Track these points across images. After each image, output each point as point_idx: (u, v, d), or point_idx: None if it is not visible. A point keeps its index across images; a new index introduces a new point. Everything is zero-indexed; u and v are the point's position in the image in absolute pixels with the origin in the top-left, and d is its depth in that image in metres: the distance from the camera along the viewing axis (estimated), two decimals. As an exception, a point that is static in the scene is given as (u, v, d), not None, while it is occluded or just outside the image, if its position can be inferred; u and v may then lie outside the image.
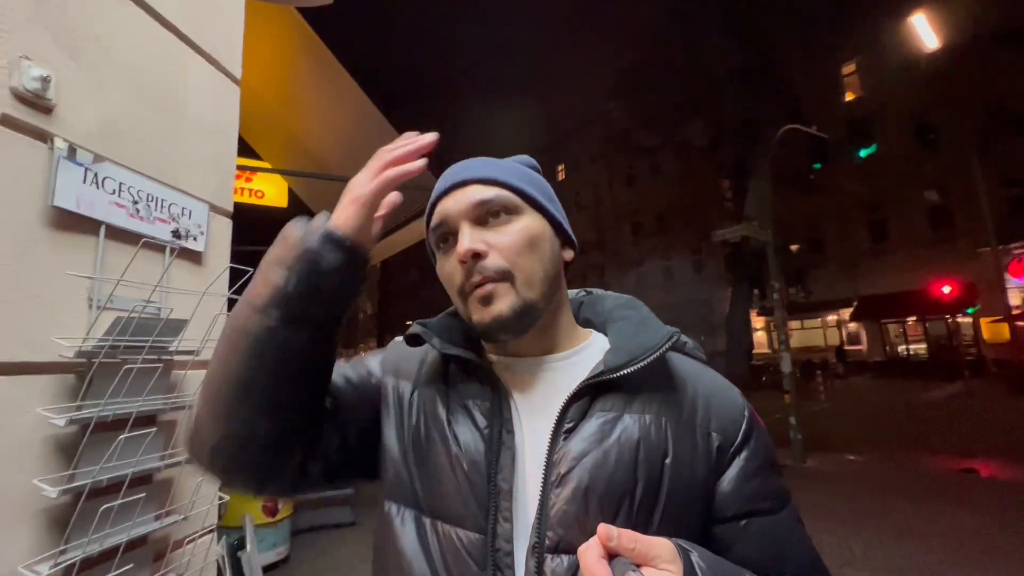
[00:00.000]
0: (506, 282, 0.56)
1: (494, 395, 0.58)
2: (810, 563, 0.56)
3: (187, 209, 1.27)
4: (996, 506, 4.34)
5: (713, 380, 0.62)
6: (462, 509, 0.53)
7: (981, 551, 3.45)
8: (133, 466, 0.97)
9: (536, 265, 0.57)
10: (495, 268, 0.55)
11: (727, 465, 0.56)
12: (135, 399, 0.99)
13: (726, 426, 0.57)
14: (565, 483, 0.51)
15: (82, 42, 1.03)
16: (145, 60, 1.18)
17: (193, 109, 1.32)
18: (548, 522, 0.50)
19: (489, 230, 0.58)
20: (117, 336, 0.95)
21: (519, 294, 0.56)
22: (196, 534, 1.17)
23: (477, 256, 0.56)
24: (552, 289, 0.59)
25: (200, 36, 1.35)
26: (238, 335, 0.51)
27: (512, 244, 0.57)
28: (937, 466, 5.94)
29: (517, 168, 0.63)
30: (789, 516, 0.57)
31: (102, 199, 1.04)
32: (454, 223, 0.58)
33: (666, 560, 0.43)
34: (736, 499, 0.55)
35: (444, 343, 0.60)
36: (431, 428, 0.59)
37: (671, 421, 0.55)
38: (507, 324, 0.56)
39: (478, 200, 0.58)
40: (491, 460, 0.54)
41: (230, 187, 1.45)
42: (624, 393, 0.56)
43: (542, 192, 0.62)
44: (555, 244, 0.61)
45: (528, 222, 0.59)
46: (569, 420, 0.54)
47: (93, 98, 1.05)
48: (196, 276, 1.29)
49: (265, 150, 4.00)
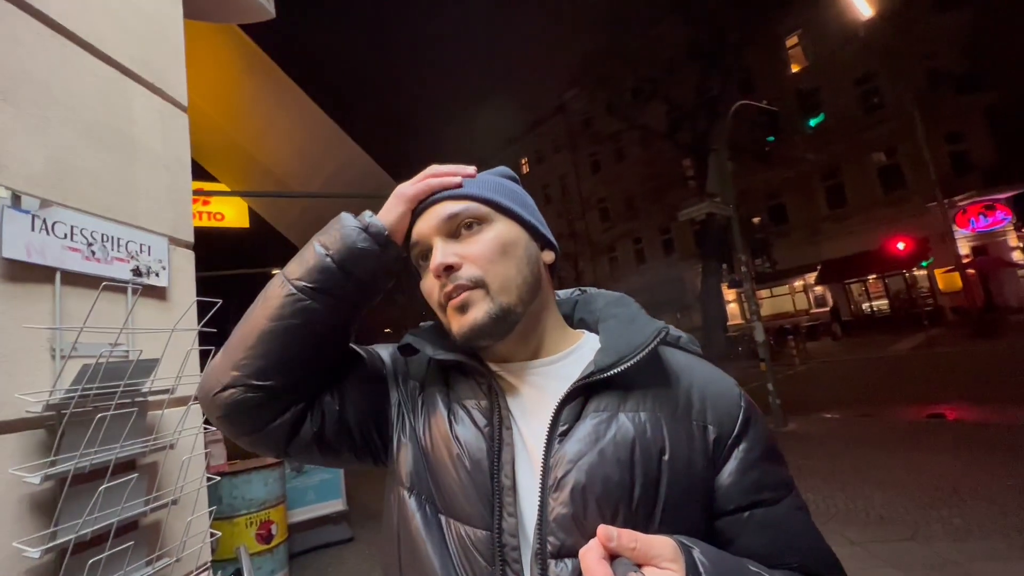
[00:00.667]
0: (480, 289, 0.57)
1: (490, 394, 0.59)
2: (816, 552, 0.55)
3: (145, 245, 1.23)
4: (964, 447, 4.60)
5: (707, 373, 0.61)
6: (468, 507, 0.54)
7: (951, 492, 3.66)
8: (118, 515, 0.95)
9: (511, 271, 0.58)
10: (468, 277, 0.57)
11: (726, 458, 0.56)
12: (112, 446, 0.97)
13: (722, 418, 0.57)
14: (562, 487, 0.51)
15: (16, 83, 0.99)
16: (87, 97, 1.14)
17: (142, 141, 1.28)
18: (548, 527, 0.50)
19: (461, 242, 0.59)
20: (86, 384, 0.92)
21: (494, 300, 0.57)
22: (191, 574, 1.16)
23: (450, 269, 0.58)
24: (531, 293, 0.60)
25: (142, 66, 1.31)
26: (268, 298, 0.58)
27: (483, 252, 0.58)
28: (908, 416, 6.24)
29: (488, 180, 0.65)
30: (792, 505, 0.56)
31: (54, 245, 1.01)
32: (428, 240, 0.61)
33: (667, 559, 0.43)
34: (737, 491, 0.54)
35: (436, 349, 0.62)
36: (434, 429, 0.60)
37: (666, 417, 0.55)
38: (484, 330, 0.57)
39: (447, 215, 0.60)
40: (492, 458, 0.55)
41: (188, 217, 1.42)
42: (617, 392, 0.56)
43: (513, 199, 0.63)
44: (531, 248, 0.62)
45: (499, 230, 0.60)
46: (563, 423, 0.54)
47: (34, 141, 1.01)
48: (162, 313, 1.26)
49: (221, 172, 3.88)
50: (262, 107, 3.13)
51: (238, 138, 3.44)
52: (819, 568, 0.54)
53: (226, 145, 3.44)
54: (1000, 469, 3.93)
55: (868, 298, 18.57)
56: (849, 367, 11.26)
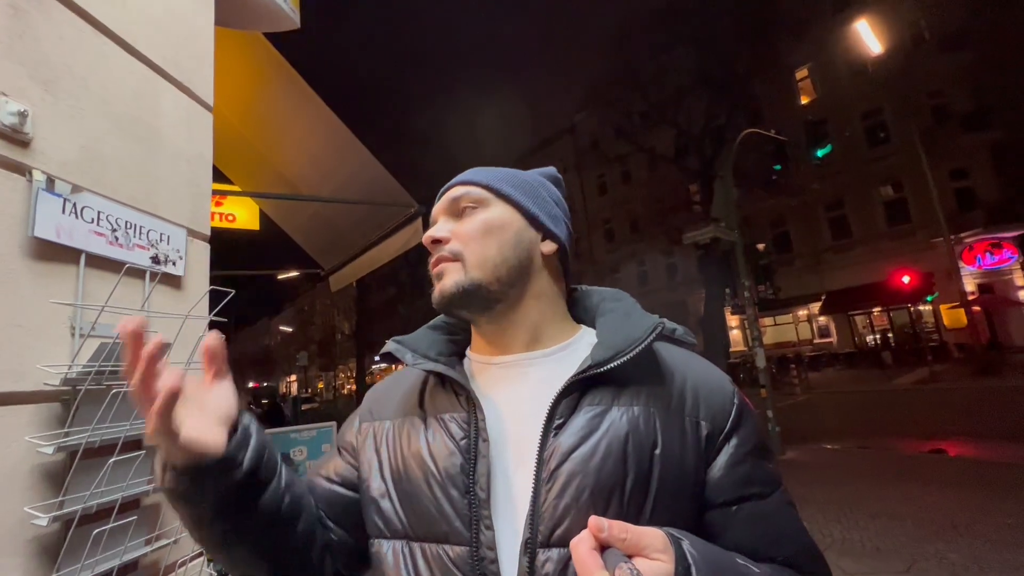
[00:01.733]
0: (457, 262, 0.62)
1: (468, 405, 0.59)
2: (802, 546, 0.56)
3: (165, 235, 1.28)
4: (963, 483, 4.55)
5: (702, 369, 0.62)
6: (445, 526, 0.54)
7: (950, 527, 3.62)
8: (123, 491, 0.98)
9: (490, 250, 0.62)
10: (450, 250, 0.62)
11: (717, 452, 0.56)
12: (122, 424, 1.00)
13: (715, 414, 0.58)
14: (555, 478, 0.52)
15: (57, 75, 1.05)
16: (119, 91, 1.21)
17: (168, 137, 1.34)
18: (540, 517, 0.51)
19: (460, 221, 0.65)
20: (103, 362, 0.96)
21: (467, 273, 0.61)
22: (187, 557, 1.17)
23: (438, 242, 0.63)
24: (512, 274, 0.62)
25: (172, 66, 1.37)
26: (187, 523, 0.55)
27: (468, 230, 0.63)
28: (908, 449, 6.19)
29: (502, 172, 0.69)
30: (780, 500, 0.57)
31: (81, 228, 1.06)
32: (436, 219, 0.67)
33: (657, 549, 0.43)
34: (726, 485, 0.55)
35: (417, 357, 0.64)
36: (407, 453, 0.60)
37: (659, 412, 0.56)
38: (452, 299, 0.61)
39: (454, 197, 0.66)
40: (468, 471, 0.55)
41: (206, 212, 1.47)
42: (612, 386, 0.57)
43: (520, 188, 0.67)
44: (525, 234, 0.65)
45: (491, 213, 0.64)
46: (559, 416, 0.55)
47: (69, 130, 1.06)
48: (176, 300, 1.31)
49: (235, 174, 3.97)
50: (280, 113, 3.21)
51: (255, 142, 3.53)
52: (805, 562, 0.55)
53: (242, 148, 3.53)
54: (999, 507, 3.88)
55: (872, 330, 18.49)
56: (851, 399, 11.16)
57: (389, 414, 0.68)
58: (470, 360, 0.69)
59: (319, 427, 4.83)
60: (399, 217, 3.60)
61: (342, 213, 3.76)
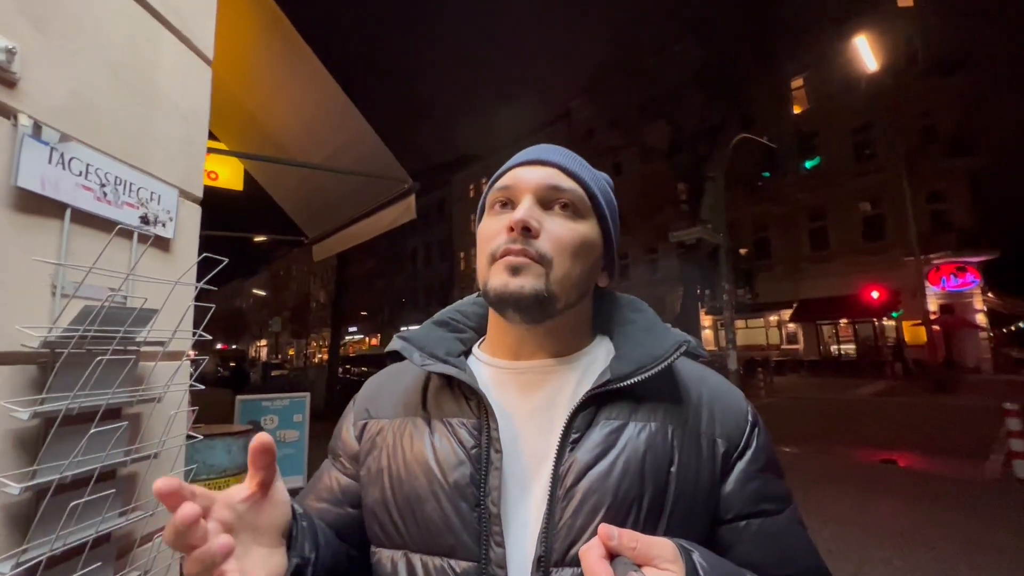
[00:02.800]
0: (542, 266, 0.55)
1: (479, 411, 0.56)
2: (812, 565, 0.56)
3: (156, 194, 1.21)
4: (910, 494, 4.79)
5: (717, 385, 0.62)
6: (451, 539, 0.51)
7: (896, 534, 3.81)
8: (101, 461, 0.93)
9: (576, 270, 0.58)
10: (538, 249, 0.55)
11: (730, 469, 0.56)
12: (104, 392, 0.95)
13: (730, 432, 0.57)
14: (572, 495, 0.51)
15: (49, 12, 0.97)
16: (115, 36, 1.12)
17: (164, 89, 1.26)
18: (555, 534, 0.50)
19: (549, 215, 0.58)
20: (87, 326, 0.91)
21: (547, 284, 0.55)
22: (163, 528, 1.14)
23: (528, 231, 0.56)
24: (576, 298, 0.60)
25: (173, 14, 1.28)
26: None
27: (564, 238, 0.57)
28: (862, 457, 6.46)
29: (599, 178, 0.65)
30: (790, 518, 0.56)
31: (68, 181, 0.99)
32: (520, 192, 0.59)
33: (668, 560, 0.42)
34: (737, 501, 0.55)
35: (425, 357, 0.60)
36: (410, 457, 0.57)
37: (677, 429, 0.55)
38: (520, 302, 0.55)
39: (554, 184, 0.59)
40: (479, 483, 0.52)
41: (200, 172, 1.39)
42: (629, 401, 0.55)
43: (611, 210, 0.64)
44: (599, 262, 0.63)
45: (588, 230, 0.60)
46: (575, 431, 0.53)
47: (60, 73, 0.98)
48: (164, 264, 1.24)
49: (222, 131, 3.80)
50: (275, 71, 3.07)
51: (244, 99, 3.38)
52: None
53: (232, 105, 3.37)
54: (942, 518, 4.10)
55: (837, 340, 19.14)
56: (812, 405, 11.58)
57: (387, 413, 0.64)
58: (480, 361, 0.66)
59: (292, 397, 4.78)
60: (392, 191, 3.51)
61: (332, 182, 3.65)
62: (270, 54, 2.90)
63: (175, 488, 0.37)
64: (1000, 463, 5.65)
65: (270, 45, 2.84)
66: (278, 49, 2.85)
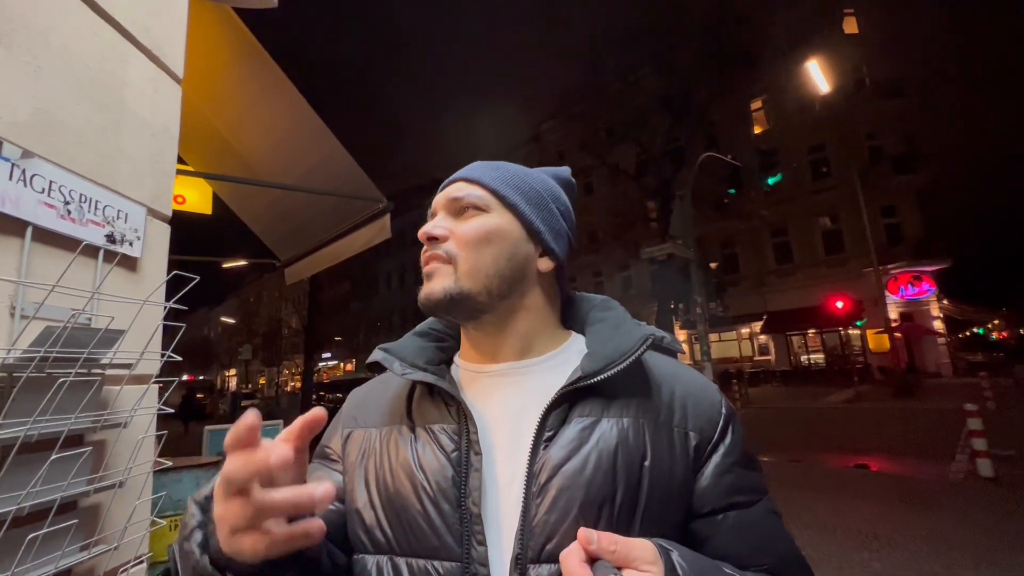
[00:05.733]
0: (449, 266, 0.59)
1: (459, 416, 0.57)
2: (788, 554, 0.57)
3: (123, 212, 1.18)
4: (884, 497, 4.90)
5: (690, 379, 0.62)
6: (434, 541, 0.52)
7: (873, 537, 3.88)
8: (63, 491, 0.88)
9: (485, 259, 0.59)
10: (444, 251, 0.60)
11: (704, 462, 0.57)
12: (65, 417, 0.90)
13: (703, 425, 0.58)
14: (546, 492, 0.51)
15: (14, 26, 0.95)
16: (83, 52, 1.10)
17: (132, 107, 1.24)
18: (531, 532, 0.50)
19: (459, 221, 0.62)
20: (48, 348, 0.87)
21: (458, 280, 0.58)
22: (129, 564, 1.07)
23: (434, 240, 0.61)
24: (504, 288, 0.60)
25: (142, 31, 1.27)
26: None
27: (465, 235, 0.60)
28: (836, 464, 6.60)
29: (511, 172, 0.65)
30: (765, 509, 0.57)
31: (29, 198, 0.95)
32: (435, 212, 0.65)
33: (647, 561, 0.43)
34: (713, 494, 0.55)
35: (405, 367, 0.61)
36: (395, 464, 0.58)
37: (649, 423, 0.55)
38: (438, 304, 0.59)
39: (454, 195, 0.63)
40: (460, 484, 0.54)
41: (169, 190, 1.37)
42: (601, 397, 0.56)
43: (527, 197, 0.64)
44: (522, 247, 0.62)
45: (491, 220, 0.61)
46: (549, 428, 0.54)
47: (23, 88, 0.96)
48: (131, 284, 1.20)
49: (191, 154, 3.73)
50: (246, 94, 3.06)
51: (214, 121, 3.34)
52: (790, 571, 0.56)
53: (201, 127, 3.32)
54: (914, 519, 4.21)
55: (807, 350, 19.70)
56: (785, 414, 11.81)
57: (374, 422, 0.65)
58: (459, 368, 0.67)
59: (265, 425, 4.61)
60: (366, 212, 3.49)
61: (305, 203, 3.62)
62: (240, 75, 2.89)
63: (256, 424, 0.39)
64: (965, 463, 5.86)
65: (240, 66, 2.83)
66: (248, 70, 2.84)
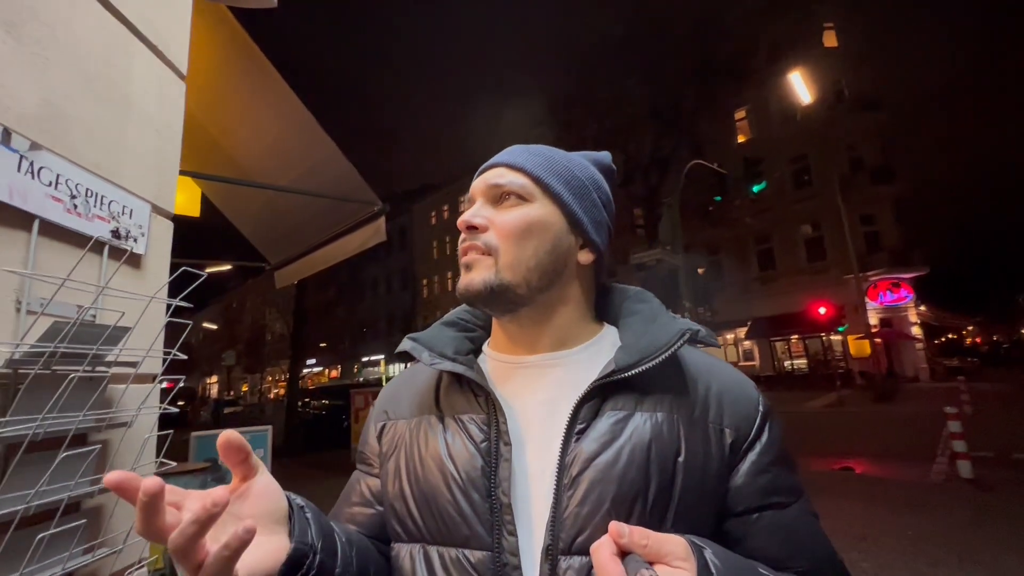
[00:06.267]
0: (490, 257, 0.58)
1: (488, 406, 0.57)
2: (824, 556, 0.55)
3: (128, 208, 1.16)
4: (869, 498, 4.98)
5: (727, 375, 0.61)
6: (465, 530, 0.52)
7: (860, 538, 3.94)
8: (69, 491, 0.86)
9: (526, 252, 0.58)
10: (484, 242, 0.59)
11: (740, 460, 0.55)
12: (73, 415, 0.88)
13: (739, 422, 0.56)
14: (577, 484, 0.51)
15: (22, 18, 0.93)
16: (89, 46, 1.09)
17: (138, 102, 1.22)
18: (561, 524, 0.50)
19: (498, 210, 0.61)
20: (56, 344, 0.85)
21: (497, 273, 0.57)
22: (132, 568, 1.04)
23: (474, 229, 0.59)
24: (544, 281, 0.59)
25: (148, 27, 1.26)
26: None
27: (506, 225, 0.59)
28: (821, 467, 6.69)
29: (553, 158, 0.63)
30: (802, 510, 0.56)
31: (37, 191, 0.93)
32: (474, 198, 0.63)
33: (679, 557, 0.42)
34: (748, 493, 0.54)
35: (434, 356, 0.61)
36: (426, 454, 0.58)
37: (683, 419, 0.54)
38: (477, 295, 0.58)
39: (495, 181, 0.61)
40: (490, 474, 0.53)
41: (173, 187, 1.35)
42: (635, 391, 0.55)
43: (570, 186, 0.62)
44: (564, 239, 0.61)
45: (533, 210, 0.59)
46: (581, 421, 0.54)
47: (32, 80, 0.94)
48: (134, 281, 1.18)
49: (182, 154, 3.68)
50: (241, 95, 3.03)
51: (206, 122, 3.29)
52: (826, 573, 0.55)
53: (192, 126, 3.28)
54: (901, 520, 4.29)
55: (790, 356, 20.01)
56: (770, 419, 11.95)
57: (404, 413, 0.65)
58: (488, 357, 0.67)
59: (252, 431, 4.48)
60: (361, 214, 3.48)
61: (298, 206, 3.58)
62: (234, 75, 2.86)
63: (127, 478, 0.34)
64: (945, 465, 5.99)
65: (234, 66, 2.80)
66: (243, 70, 2.81)
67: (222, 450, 0.41)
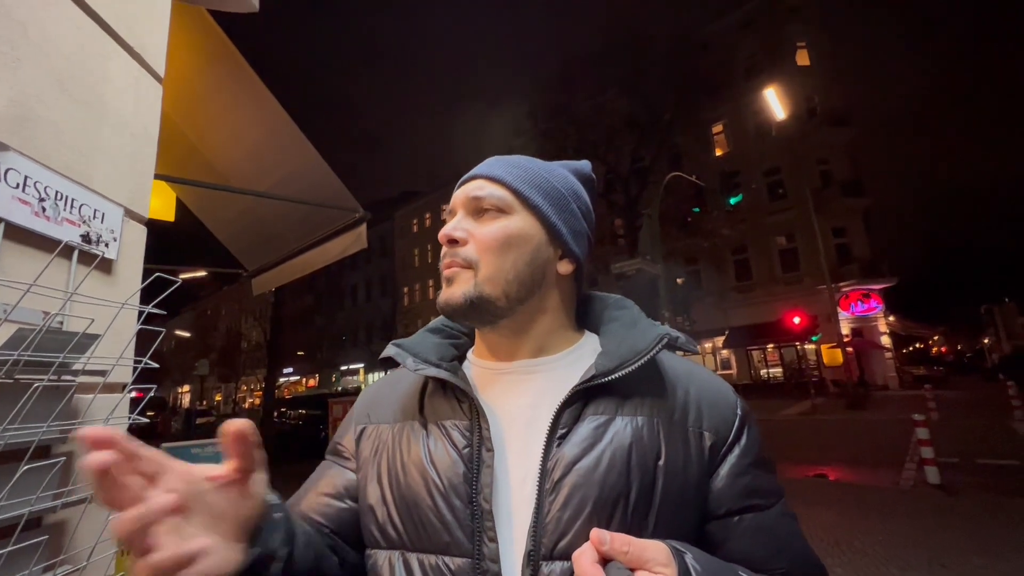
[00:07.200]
0: (470, 271, 0.59)
1: (471, 413, 0.57)
2: (803, 557, 0.56)
3: (100, 211, 1.13)
4: (842, 504, 5.09)
5: (705, 379, 0.62)
6: (445, 536, 0.52)
7: (834, 543, 4.02)
8: (31, 505, 0.82)
9: (505, 264, 0.58)
10: (464, 256, 0.59)
11: (719, 463, 0.56)
12: (37, 425, 0.85)
13: (718, 425, 0.57)
14: (559, 489, 0.51)
15: (-8, 16, 0.91)
16: (63, 45, 1.06)
17: (112, 105, 1.19)
18: (543, 529, 0.50)
19: (479, 222, 0.61)
20: (20, 352, 0.81)
21: (477, 286, 0.58)
22: (96, 587, 1.00)
23: (454, 242, 0.60)
24: (523, 292, 0.60)
25: (125, 28, 1.23)
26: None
27: (485, 238, 0.59)
28: (796, 473, 6.81)
29: (531, 170, 0.63)
30: (781, 511, 0.56)
31: (3, 192, 0.90)
32: (455, 210, 0.64)
33: (661, 563, 0.42)
34: (728, 496, 0.55)
35: (418, 362, 0.61)
36: (408, 460, 0.58)
37: (663, 422, 0.55)
38: (457, 309, 0.58)
39: (475, 194, 0.62)
40: (471, 480, 0.53)
41: (147, 192, 1.32)
42: (616, 396, 0.56)
43: (549, 197, 0.62)
44: (543, 250, 0.61)
45: (512, 223, 0.60)
46: (562, 426, 0.54)
47: (2, 78, 0.92)
48: (105, 287, 1.14)
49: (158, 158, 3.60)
50: (220, 99, 2.98)
51: (183, 126, 3.23)
52: (805, 574, 0.55)
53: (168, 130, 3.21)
54: (873, 526, 4.38)
55: (766, 364, 20.40)
56: (747, 426, 12.13)
57: (387, 418, 0.65)
58: (472, 365, 0.67)
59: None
60: (342, 221, 3.44)
61: (277, 212, 3.53)
62: (213, 79, 2.82)
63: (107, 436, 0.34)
64: (914, 471, 6.17)
65: (213, 70, 2.76)
66: (222, 74, 2.77)
67: (229, 437, 0.40)
